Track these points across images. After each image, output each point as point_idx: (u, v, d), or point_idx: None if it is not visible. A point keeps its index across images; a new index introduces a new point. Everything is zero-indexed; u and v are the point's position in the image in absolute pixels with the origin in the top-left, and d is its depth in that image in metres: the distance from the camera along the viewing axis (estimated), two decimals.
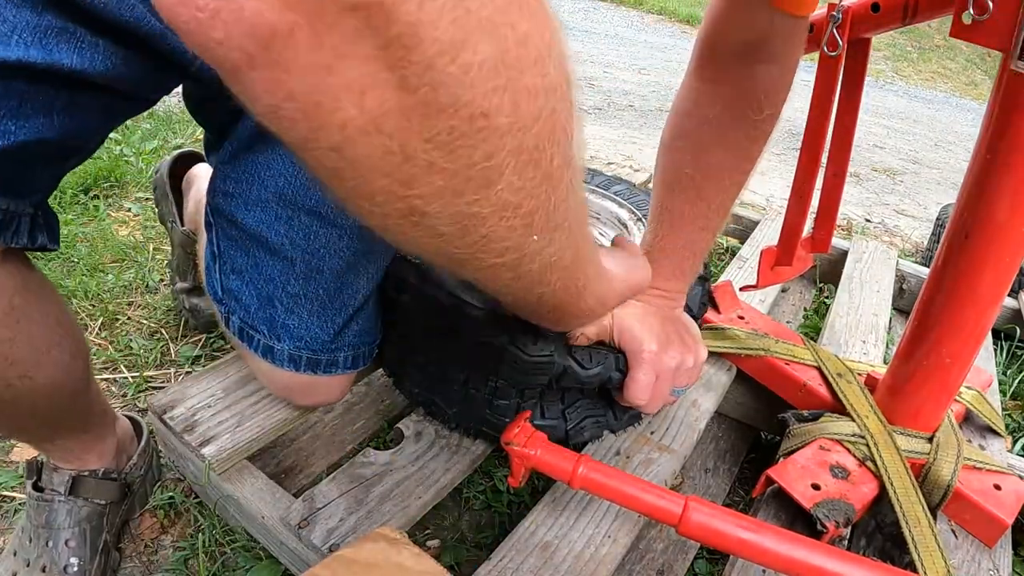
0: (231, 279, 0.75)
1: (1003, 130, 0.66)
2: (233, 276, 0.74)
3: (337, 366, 0.77)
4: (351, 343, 0.78)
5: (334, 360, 0.77)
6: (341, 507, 0.74)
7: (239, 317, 0.75)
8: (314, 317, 0.74)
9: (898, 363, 0.86)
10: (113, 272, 1.38)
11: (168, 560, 0.86)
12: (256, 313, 0.74)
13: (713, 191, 0.75)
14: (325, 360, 0.76)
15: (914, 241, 2.16)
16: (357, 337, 0.78)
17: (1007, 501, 0.81)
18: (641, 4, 7.00)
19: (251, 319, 0.75)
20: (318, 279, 0.72)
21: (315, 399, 0.83)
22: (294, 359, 0.75)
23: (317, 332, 0.74)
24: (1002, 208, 0.68)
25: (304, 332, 0.74)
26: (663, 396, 0.77)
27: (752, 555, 0.64)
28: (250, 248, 0.72)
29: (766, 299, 1.24)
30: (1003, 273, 0.72)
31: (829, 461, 0.83)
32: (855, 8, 0.84)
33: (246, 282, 0.74)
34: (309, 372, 0.76)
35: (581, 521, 0.75)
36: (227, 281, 0.75)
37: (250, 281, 0.74)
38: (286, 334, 0.74)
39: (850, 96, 0.92)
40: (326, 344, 0.76)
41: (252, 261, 0.73)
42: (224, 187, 0.72)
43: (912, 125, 3.88)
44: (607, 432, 0.87)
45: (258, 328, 0.75)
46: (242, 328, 0.76)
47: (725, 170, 0.74)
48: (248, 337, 0.76)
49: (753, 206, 2.24)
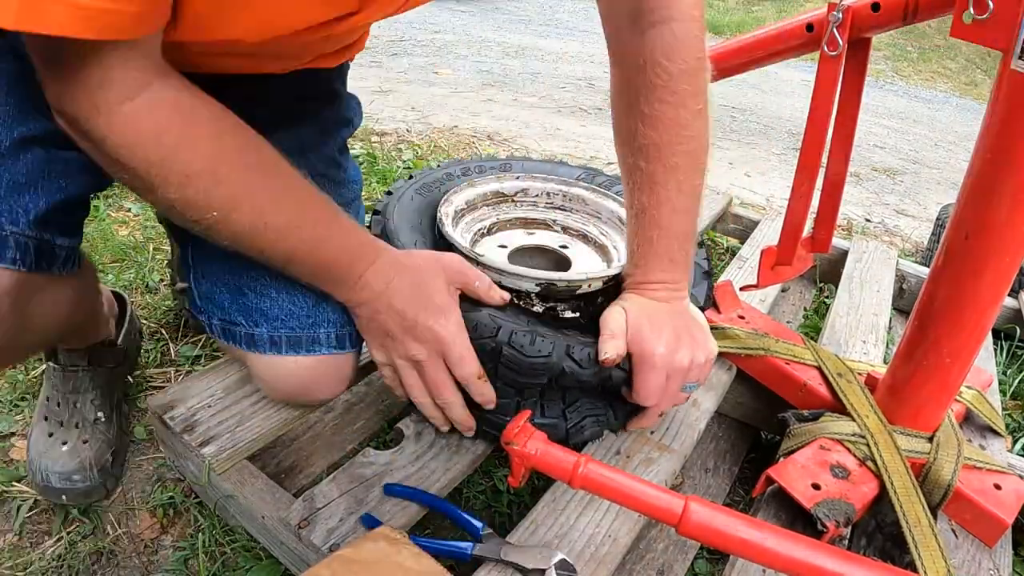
0: (203, 284, 0.81)
1: (1003, 130, 0.66)
2: (204, 281, 0.81)
3: (319, 343, 0.78)
4: (331, 319, 0.79)
5: (315, 337, 0.78)
6: (341, 507, 0.74)
7: (218, 318, 0.80)
8: (283, 294, 0.78)
9: (898, 363, 0.86)
10: (113, 272, 1.38)
11: (168, 560, 0.86)
12: (231, 307, 0.78)
13: (663, 173, 0.73)
14: (305, 337, 0.77)
15: (914, 241, 2.16)
16: (336, 315, 0.79)
17: (1007, 501, 0.81)
18: None
19: (228, 314, 0.79)
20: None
21: (314, 395, 0.83)
22: (274, 341, 0.77)
23: (291, 308, 0.77)
24: (1002, 208, 0.68)
25: (279, 311, 0.77)
26: (674, 396, 0.77)
27: (752, 555, 0.64)
28: (215, 251, 0.76)
29: (766, 299, 1.24)
30: (1003, 273, 0.72)
31: (829, 461, 0.83)
32: (856, 8, 0.83)
33: (216, 282, 0.79)
34: (292, 352, 0.77)
35: (581, 521, 0.75)
36: (201, 287, 0.81)
37: (220, 280, 0.79)
38: (262, 318, 0.77)
39: (850, 96, 0.92)
40: (303, 320, 0.77)
41: (219, 262, 0.79)
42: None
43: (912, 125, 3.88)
44: (607, 431, 0.87)
45: (236, 320, 0.78)
46: (223, 327, 0.80)
47: (663, 147, 0.72)
48: (230, 334, 0.79)
49: (753, 206, 2.24)
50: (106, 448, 0.94)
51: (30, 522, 0.90)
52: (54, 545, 0.87)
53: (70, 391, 0.95)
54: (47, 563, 0.84)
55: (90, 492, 0.91)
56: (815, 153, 0.93)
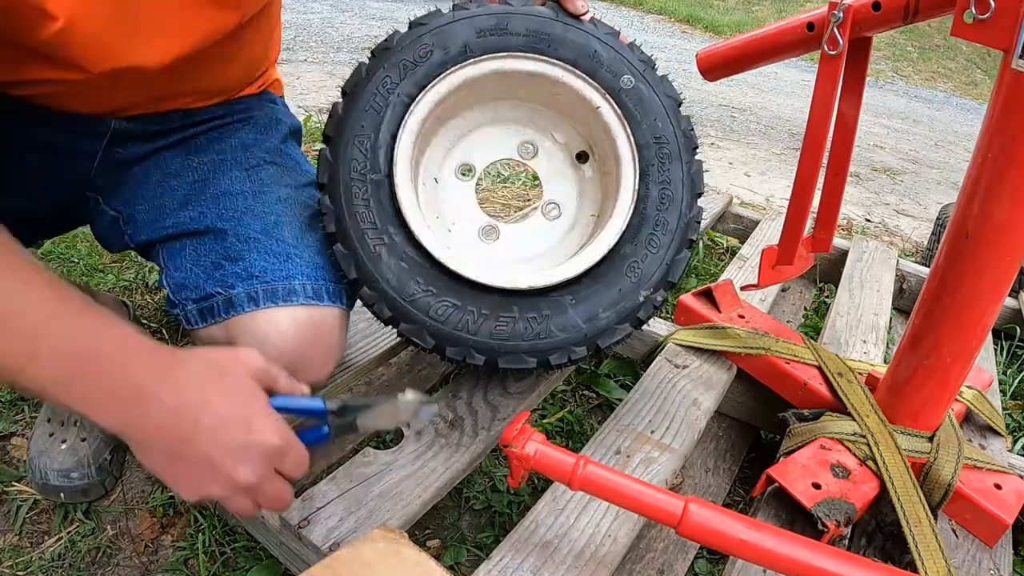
0: (175, 275, 0.82)
1: (1004, 129, 0.66)
2: (177, 272, 0.82)
3: (296, 294, 0.78)
4: (305, 273, 0.79)
5: (291, 288, 0.78)
6: (341, 507, 0.74)
7: (193, 300, 0.80)
8: (254, 255, 0.79)
9: (899, 362, 0.86)
10: (113, 272, 1.38)
11: (168, 560, 0.86)
12: (207, 283, 0.79)
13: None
14: (282, 288, 0.78)
15: (914, 241, 2.16)
16: (311, 269, 0.80)
17: (1008, 500, 0.81)
18: (641, 4, 7.00)
19: (202, 290, 0.79)
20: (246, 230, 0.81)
21: (306, 366, 0.81)
22: (252, 296, 0.77)
23: (264, 265, 0.78)
24: (1002, 208, 0.68)
25: (253, 269, 0.78)
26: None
27: (752, 556, 0.64)
28: (186, 243, 0.82)
29: (767, 298, 1.24)
30: (1003, 273, 0.72)
31: (830, 460, 0.83)
32: (856, 7, 0.83)
33: (190, 270, 0.81)
34: (270, 303, 0.77)
35: (581, 520, 0.75)
36: (173, 279, 0.82)
37: (194, 265, 0.81)
38: (236, 279, 0.78)
39: (851, 95, 0.92)
40: (277, 274, 0.78)
41: (191, 250, 0.82)
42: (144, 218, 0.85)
43: (912, 125, 3.88)
44: (608, 431, 0.87)
45: (212, 292, 0.78)
46: (200, 309, 0.79)
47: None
48: (209, 310, 0.79)
49: (753, 206, 2.24)
50: (104, 446, 0.94)
51: (30, 522, 0.90)
52: (54, 544, 0.87)
53: None
54: (47, 562, 0.84)
55: (88, 490, 0.91)
56: (815, 153, 0.93)
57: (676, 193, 0.83)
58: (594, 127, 0.86)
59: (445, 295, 0.77)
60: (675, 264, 0.82)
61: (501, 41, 0.82)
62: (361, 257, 0.77)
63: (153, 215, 0.85)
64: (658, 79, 0.85)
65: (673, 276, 0.82)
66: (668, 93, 0.85)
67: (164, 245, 0.85)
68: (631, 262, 0.81)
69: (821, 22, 0.87)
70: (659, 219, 0.82)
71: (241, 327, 0.78)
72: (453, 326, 0.78)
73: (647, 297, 0.81)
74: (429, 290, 0.77)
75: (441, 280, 0.78)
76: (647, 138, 0.83)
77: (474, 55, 0.81)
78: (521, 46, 0.82)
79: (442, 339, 0.78)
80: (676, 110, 0.84)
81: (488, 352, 0.78)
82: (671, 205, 0.82)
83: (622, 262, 0.81)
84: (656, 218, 0.82)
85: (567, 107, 0.88)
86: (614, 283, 0.81)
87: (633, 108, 0.83)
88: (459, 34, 0.81)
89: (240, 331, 0.78)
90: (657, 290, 0.82)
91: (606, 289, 0.80)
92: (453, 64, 0.81)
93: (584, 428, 1.12)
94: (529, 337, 0.79)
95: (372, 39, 4.13)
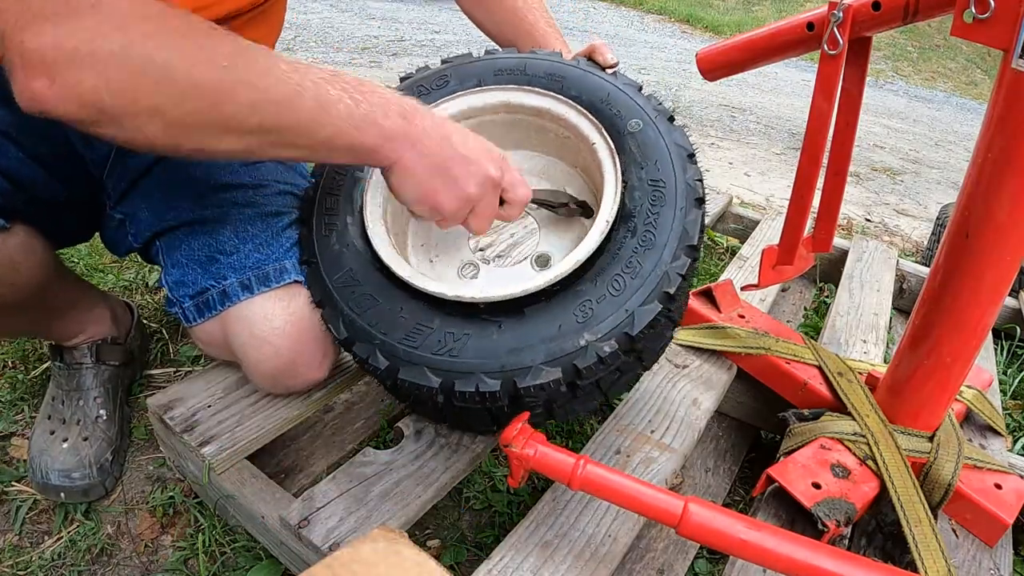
0: (173, 273, 0.84)
1: (1004, 129, 0.66)
2: (175, 270, 0.84)
3: (287, 272, 0.81)
4: (292, 251, 0.83)
5: (282, 268, 0.81)
6: (341, 507, 0.74)
7: (190, 296, 0.83)
8: (249, 246, 0.82)
9: (899, 362, 0.86)
10: (113, 272, 1.38)
11: (168, 560, 0.86)
12: (202, 278, 0.82)
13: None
14: (272, 270, 0.81)
15: (914, 241, 2.16)
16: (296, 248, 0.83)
17: (1008, 500, 0.81)
18: (641, 4, 6.99)
19: (199, 286, 0.82)
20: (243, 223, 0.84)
21: (301, 376, 0.84)
22: (246, 284, 0.80)
23: (258, 257, 0.82)
24: (1002, 208, 0.68)
25: (247, 261, 0.81)
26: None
27: (752, 556, 0.64)
28: (184, 235, 0.85)
29: (767, 298, 1.24)
30: (1003, 273, 0.72)
31: (830, 460, 0.83)
32: (856, 7, 0.83)
33: (186, 265, 0.84)
34: (263, 287, 0.80)
35: (581, 520, 0.75)
36: (171, 277, 0.84)
37: (190, 260, 0.84)
38: (230, 271, 0.81)
39: (851, 95, 0.92)
40: (267, 257, 0.82)
41: (188, 243, 0.84)
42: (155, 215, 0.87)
43: (912, 125, 3.88)
44: (608, 430, 0.87)
45: (207, 286, 0.82)
46: (197, 304, 0.83)
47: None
48: (205, 304, 0.82)
49: (753, 206, 2.24)
50: (106, 447, 0.94)
51: (30, 522, 0.90)
52: (54, 544, 0.87)
53: (74, 388, 0.97)
54: (47, 562, 0.84)
55: (88, 490, 0.91)
56: (816, 152, 0.93)
57: (660, 239, 0.73)
58: (596, 175, 0.81)
59: (366, 286, 0.74)
60: (639, 314, 0.69)
61: (514, 79, 0.86)
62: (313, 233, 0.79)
63: (155, 211, 0.87)
64: (670, 127, 0.80)
65: (632, 327, 0.69)
66: (679, 142, 0.79)
67: (164, 240, 0.86)
68: (584, 301, 0.71)
69: (821, 22, 0.87)
70: (632, 262, 0.72)
71: (236, 317, 0.80)
72: (367, 320, 0.72)
73: (590, 343, 0.68)
74: (356, 279, 0.75)
75: (372, 273, 0.75)
76: (642, 181, 0.77)
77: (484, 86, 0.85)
78: (532, 83, 0.85)
79: (353, 331, 0.73)
80: (684, 159, 0.78)
81: (392, 358, 0.71)
82: (650, 250, 0.73)
83: (573, 299, 0.71)
84: (629, 260, 0.72)
85: (580, 159, 0.86)
86: (555, 319, 0.70)
87: (634, 150, 0.79)
88: (478, 71, 0.87)
89: (235, 321, 0.80)
90: (607, 340, 0.69)
91: (545, 323, 0.70)
92: (461, 91, 0.85)
93: (584, 428, 1.12)
94: (439, 352, 0.69)
95: (372, 39, 4.14)
